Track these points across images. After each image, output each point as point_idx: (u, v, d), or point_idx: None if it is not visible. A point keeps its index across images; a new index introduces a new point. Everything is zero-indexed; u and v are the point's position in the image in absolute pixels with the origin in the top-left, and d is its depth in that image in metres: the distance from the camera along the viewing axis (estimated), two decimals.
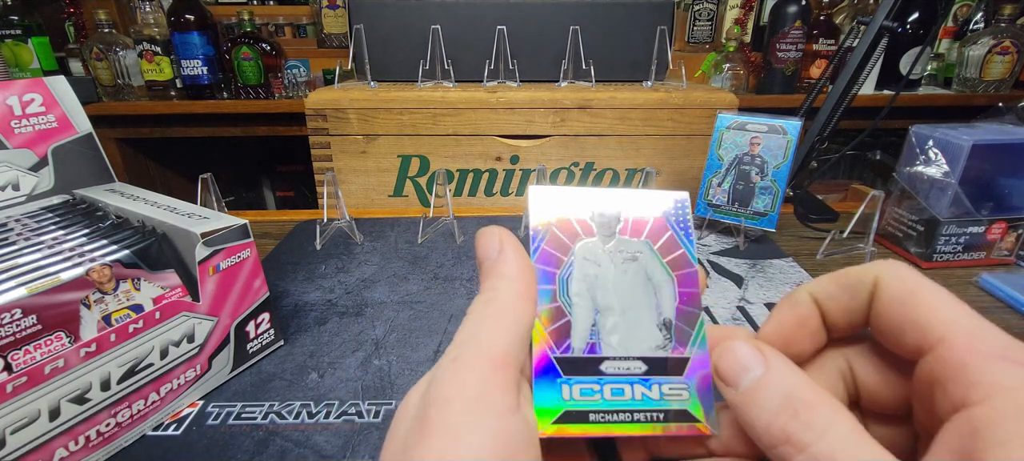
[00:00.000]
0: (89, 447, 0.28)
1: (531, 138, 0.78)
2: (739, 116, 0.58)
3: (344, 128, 0.75)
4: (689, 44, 1.47)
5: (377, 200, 0.80)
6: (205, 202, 0.51)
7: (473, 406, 0.13)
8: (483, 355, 0.14)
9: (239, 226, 0.33)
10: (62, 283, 0.27)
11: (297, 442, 0.30)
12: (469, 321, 0.15)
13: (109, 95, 1.25)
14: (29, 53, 1.24)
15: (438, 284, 0.48)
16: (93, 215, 0.36)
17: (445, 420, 0.12)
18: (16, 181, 0.37)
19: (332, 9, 1.41)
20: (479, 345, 0.14)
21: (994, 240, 0.52)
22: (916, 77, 1.32)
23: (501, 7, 0.81)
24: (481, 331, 0.15)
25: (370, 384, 0.35)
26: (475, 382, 0.13)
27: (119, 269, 0.29)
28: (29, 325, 0.26)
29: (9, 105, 0.37)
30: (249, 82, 1.24)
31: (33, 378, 0.25)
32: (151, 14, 1.22)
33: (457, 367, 0.14)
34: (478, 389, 0.13)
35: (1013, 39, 1.22)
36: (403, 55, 0.83)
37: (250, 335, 0.36)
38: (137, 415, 0.30)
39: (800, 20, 1.19)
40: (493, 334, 0.15)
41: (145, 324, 0.29)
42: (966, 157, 0.48)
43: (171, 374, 0.31)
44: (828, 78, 0.66)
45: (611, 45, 0.84)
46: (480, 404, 0.13)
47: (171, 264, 0.32)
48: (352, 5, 0.80)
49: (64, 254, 0.29)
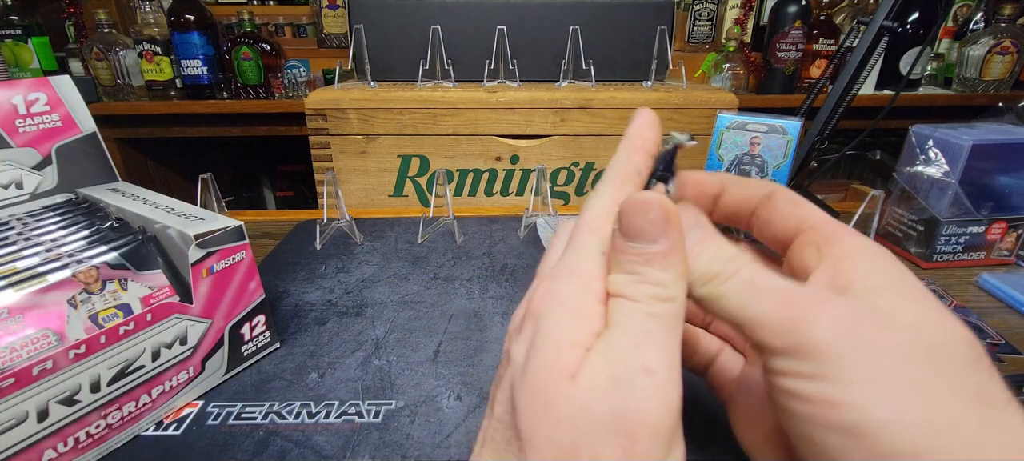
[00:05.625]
0: (78, 448, 0.28)
1: (531, 138, 0.78)
2: (739, 116, 0.58)
3: (344, 128, 0.76)
4: (689, 44, 1.47)
5: (377, 200, 0.80)
6: (205, 202, 0.51)
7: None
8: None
9: (234, 228, 0.33)
10: (48, 284, 0.27)
11: (297, 442, 0.30)
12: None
13: (109, 95, 1.25)
14: (29, 53, 1.24)
15: (438, 284, 0.48)
16: (94, 214, 0.36)
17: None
18: (20, 179, 0.37)
19: (332, 9, 1.41)
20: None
21: (994, 240, 0.52)
22: (916, 77, 1.32)
23: (501, 7, 0.81)
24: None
25: (370, 384, 0.35)
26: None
27: (106, 270, 0.29)
28: (15, 325, 0.26)
29: (14, 104, 0.37)
30: (249, 82, 1.24)
31: (21, 379, 0.25)
32: (151, 14, 1.22)
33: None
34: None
35: (1013, 39, 1.22)
36: (403, 55, 0.83)
37: (245, 337, 0.36)
38: (128, 417, 0.30)
39: (800, 20, 1.19)
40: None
41: (136, 326, 0.29)
42: (966, 157, 0.48)
43: (163, 376, 0.31)
44: (828, 78, 0.66)
45: (611, 45, 0.84)
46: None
47: (159, 264, 0.32)
48: (352, 5, 0.80)
49: (54, 253, 0.29)
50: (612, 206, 0.18)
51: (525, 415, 0.15)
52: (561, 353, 0.15)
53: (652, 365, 0.15)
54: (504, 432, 0.16)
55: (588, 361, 0.15)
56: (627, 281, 0.16)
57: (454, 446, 0.30)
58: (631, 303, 0.16)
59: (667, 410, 0.14)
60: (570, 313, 0.16)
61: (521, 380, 0.16)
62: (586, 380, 0.14)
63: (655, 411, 0.14)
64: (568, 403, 0.14)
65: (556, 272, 0.17)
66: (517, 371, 0.16)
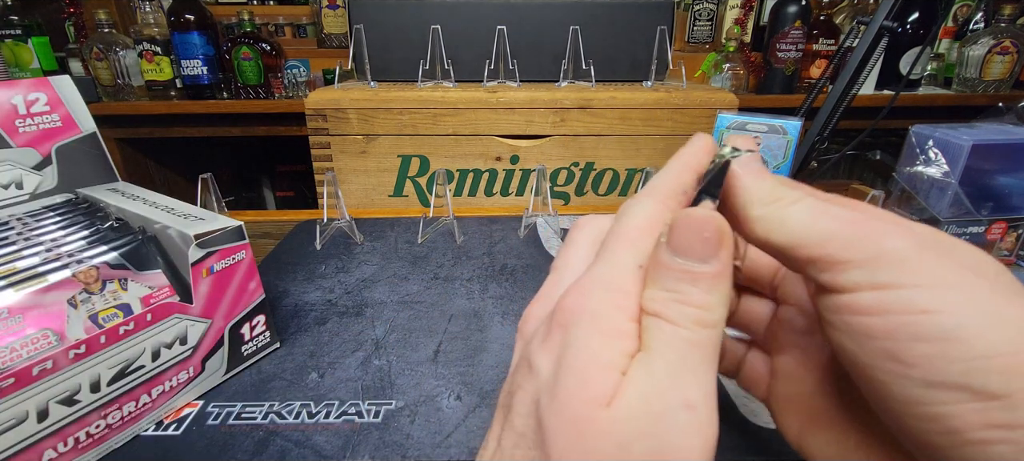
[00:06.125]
0: (78, 448, 0.28)
1: (531, 138, 0.78)
2: (739, 116, 0.58)
3: (344, 128, 0.76)
4: (689, 44, 1.47)
5: (377, 200, 0.80)
6: (205, 202, 0.51)
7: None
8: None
9: (234, 228, 0.33)
10: (48, 284, 0.27)
11: (297, 442, 0.30)
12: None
13: (109, 95, 1.25)
14: (29, 53, 1.24)
15: (438, 284, 0.48)
16: (94, 214, 0.36)
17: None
18: (20, 179, 0.37)
19: (332, 9, 1.41)
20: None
21: (994, 240, 0.52)
22: (916, 77, 1.32)
23: (501, 7, 0.81)
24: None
25: (370, 384, 0.35)
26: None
27: (106, 270, 0.29)
28: (15, 325, 0.26)
29: (14, 104, 0.37)
30: (249, 82, 1.24)
31: (21, 379, 0.25)
32: (151, 14, 1.22)
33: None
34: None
35: (1013, 39, 1.22)
36: (403, 55, 0.83)
37: (245, 337, 0.36)
38: (128, 417, 0.30)
39: (800, 20, 1.19)
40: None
41: (136, 326, 0.29)
42: (966, 157, 0.48)
43: (163, 376, 0.31)
44: (828, 78, 0.66)
45: (611, 45, 0.84)
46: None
47: (159, 264, 0.32)
48: (352, 5, 0.80)
49: (55, 253, 0.29)
50: (655, 220, 0.17)
51: (556, 441, 0.14)
52: (595, 376, 0.14)
53: (693, 400, 0.14)
54: (528, 451, 0.15)
55: (624, 390, 0.14)
56: (668, 300, 0.15)
57: (454, 446, 0.30)
58: (671, 327, 0.15)
59: (707, 450, 0.14)
60: (603, 331, 0.15)
61: (551, 401, 0.15)
62: (623, 412, 0.14)
63: (695, 452, 0.13)
64: (604, 438, 0.14)
65: (587, 282, 0.16)
66: (545, 387, 0.15)
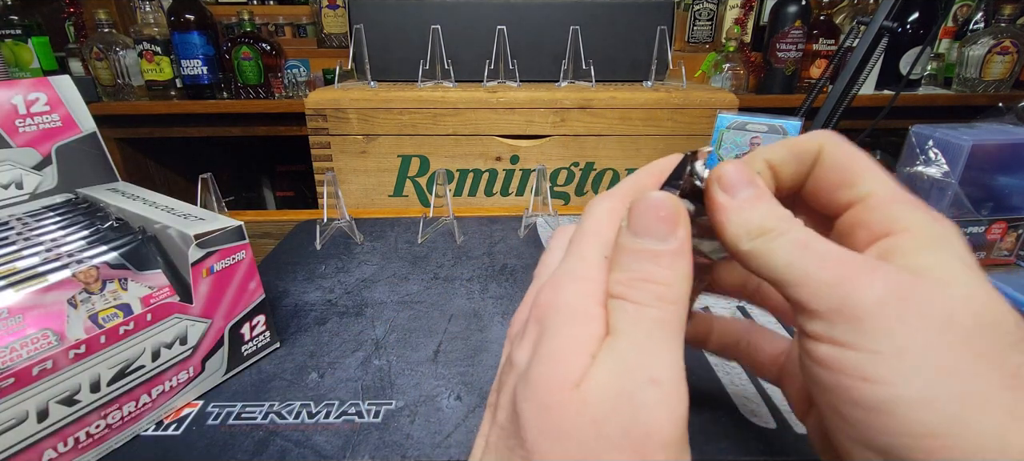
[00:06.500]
0: (78, 448, 0.28)
1: (531, 138, 0.78)
2: (739, 116, 0.58)
3: (344, 128, 0.76)
4: (689, 44, 1.47)
5: (377, 200, 0.80)
6: (205, 202, 0.51)
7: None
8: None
9: (234, 228, 0.33)
10: (48, 284, 0.27)
11: (297, 442, 0.30)
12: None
13: (109, 95, 1.25)
14: (29, 53, 1.24)
15: (438, 284, 0.48)
16: (94, 214, 0.36)
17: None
18: (20, 179, 0.37)
19: (332, 9, 1.41)
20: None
21: (994, 240, 0.52)
22: (916, 77, 1.32)
23: (501, 7, 0.81)
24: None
25: (370, 384, 0.35)
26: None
27: (106, 270, 0.29)
28: (15, 325, 0.26)
29: (14, 104, 0.37)
30: (249, 82, 1.24)
31: (21, 379, 0.25)
32: (151, 14, 1.22)
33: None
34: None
35: (1013, 39, 1.22)
36: (403, 55, 0.83)
37: (245, 337, 0.36)
38: (128, 417, 0.30)
39: (800, 20, 1.19)
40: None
41: (136, 326, 0.29)
42: (966, 157, 0.48)
43: (163, 376, 0.31)
44: (828, 78, 0.66)
45: (611, 45, 0.84)
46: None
47: (159, 264, 0.32)
48: (352, 5, 0.80)
49: (54, 253, 0.29)
50: (615, 213, 0.18)
51: (529, 426, 0.15)
52: (565, 361, 0.15)
53: (659, 375, 0.14)
54: (507, 440, 0.16)
55: (593, 370, 0.15)
56: (631, 281, 0.16)
57: (454, 446, 0.30)
58: (635, 307, 0.15)
59: (675, 422, 0.14)
60: (573, 318, 0.16)
61: (525, 388, 0.15)
62: (592, 392, 0.14)
63: (663, 424, 0.14)
64: (574, 416, 0.14)
65: (558, 277, 0.17)
66: (520, 378, 0.16)
